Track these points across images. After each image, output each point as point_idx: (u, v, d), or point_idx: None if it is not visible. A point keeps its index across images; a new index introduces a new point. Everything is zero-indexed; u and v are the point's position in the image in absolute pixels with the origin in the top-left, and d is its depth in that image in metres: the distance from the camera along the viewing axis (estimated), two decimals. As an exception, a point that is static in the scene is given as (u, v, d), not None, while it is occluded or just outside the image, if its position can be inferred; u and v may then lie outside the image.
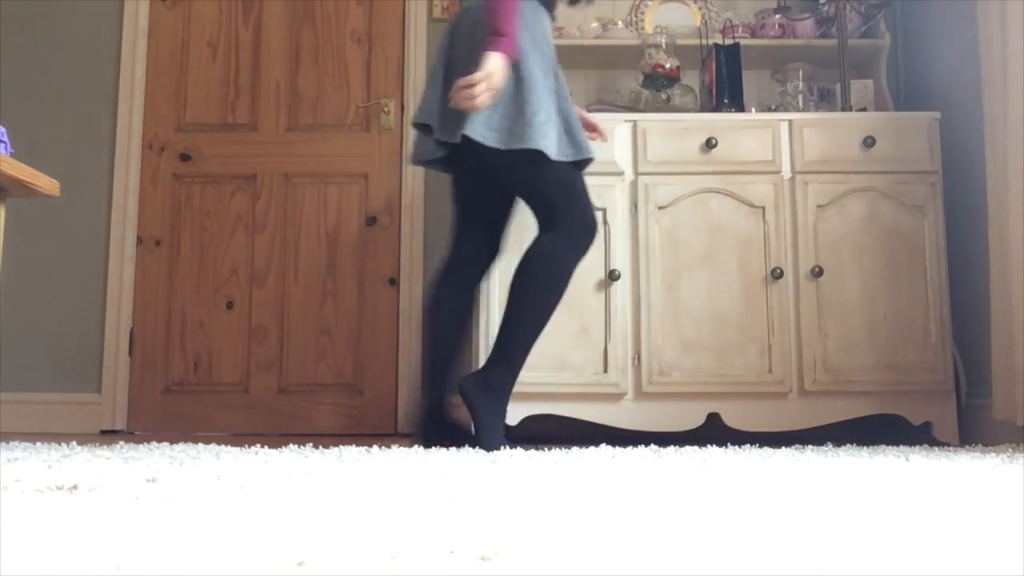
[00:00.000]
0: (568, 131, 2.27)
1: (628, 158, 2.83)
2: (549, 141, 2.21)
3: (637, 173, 2.82)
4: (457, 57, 2.31)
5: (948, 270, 2.77)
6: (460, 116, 2.23)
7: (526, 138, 2.19)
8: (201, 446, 2.06)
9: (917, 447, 2.33)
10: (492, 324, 2.72)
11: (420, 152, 2.42)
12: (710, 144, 2.80)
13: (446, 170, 2.48)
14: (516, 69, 2.24)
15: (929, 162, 2.80)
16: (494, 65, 2.14)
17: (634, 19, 3.43)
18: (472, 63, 2.20)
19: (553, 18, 2.43)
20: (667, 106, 3.09)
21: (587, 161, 2.31)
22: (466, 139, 2.23)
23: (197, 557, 0.74)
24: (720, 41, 3.11)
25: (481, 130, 2.21)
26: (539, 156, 2.21)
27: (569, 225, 2.28)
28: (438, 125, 2.30)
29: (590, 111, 3.07)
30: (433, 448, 2.16)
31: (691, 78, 3.25)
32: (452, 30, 2.39)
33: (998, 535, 0.89)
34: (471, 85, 2.12)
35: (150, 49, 3.46)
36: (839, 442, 2.53)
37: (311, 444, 2.23)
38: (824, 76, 3.25)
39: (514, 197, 2.46)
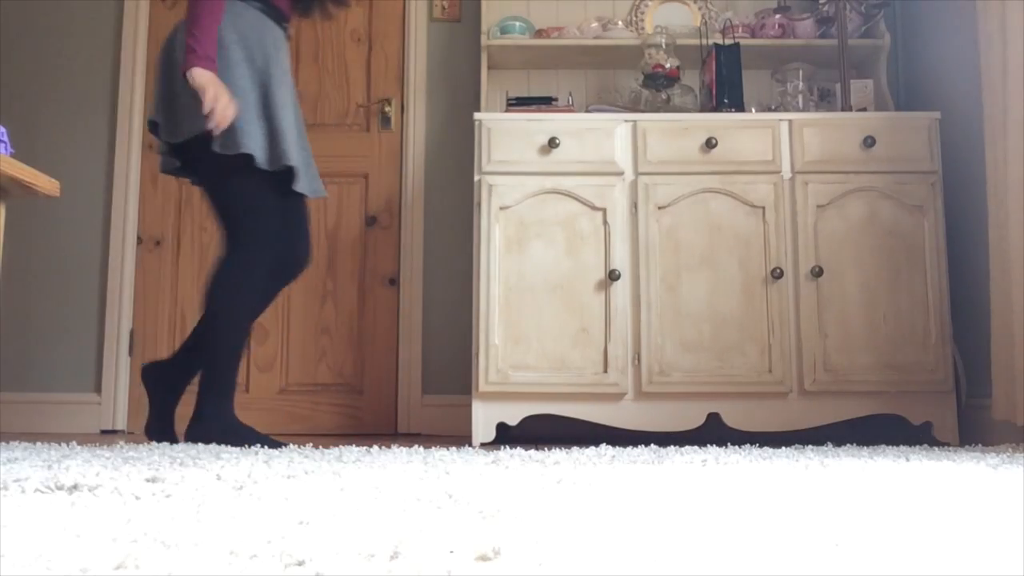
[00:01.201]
0: (271, 140, 2.24)
1: (628, 158, 2.83)
2: (252, 143, 2.20)
3: (637, 173, 2.82)
4: (176, 62, 2.32)
5: (948, 270, 2.77)
6: (179, 119, 2.24)
7: (220, 143, 2.19)
8: (201, 446, 2.06)
9: (917, 447, 2.33)
10: (492, 330, 2.72)
11: (165, 161, 2.40)
12: (710, 144, 2.80)
13: (193, 181, 2.45)
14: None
15: (929, 162, 2.80)
16: (199, 82, 2.15)
17: (634, 19, 3.43)
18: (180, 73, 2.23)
19: (285, 29, 2.40)
20: (667, 106, 3.09)
21: (294, 178, 2.27)
22: (189, 147, 2.25)
23: (197, 557, 0.74)
24: (720, 41, 3.11)
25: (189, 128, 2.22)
26: (234, 163, 2.21)
27: (246, 245, 2.26)
28: (163, 127, 2.31)
29: (590, 111, 3.07)
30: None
31: (691, 78, 3.25)
32: (174, 35, 2.38)
33: (998, 535, 0.89)
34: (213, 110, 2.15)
35: (150, 49, 3.46)
36: (839, 442, 2.53)
37: (311, 444, 2.23)
38: (824, 76, 3.25)
39: None
